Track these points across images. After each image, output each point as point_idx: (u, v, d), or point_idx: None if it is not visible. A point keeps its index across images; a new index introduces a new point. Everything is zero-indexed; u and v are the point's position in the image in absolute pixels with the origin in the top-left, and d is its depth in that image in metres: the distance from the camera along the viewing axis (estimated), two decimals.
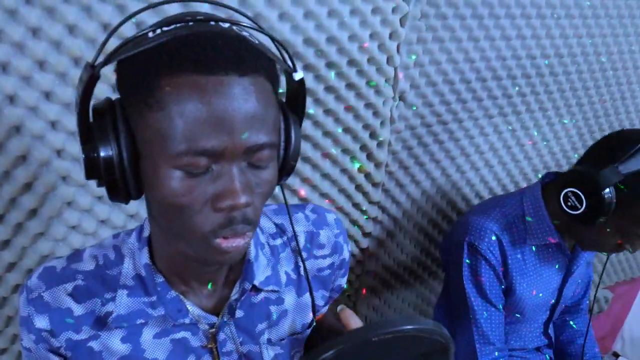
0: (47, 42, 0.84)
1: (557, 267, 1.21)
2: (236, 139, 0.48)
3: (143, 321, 0.65)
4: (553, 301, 1.26)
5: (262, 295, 0.71)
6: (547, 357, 1.37)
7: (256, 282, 0.69)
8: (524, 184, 1.62)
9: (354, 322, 0.62)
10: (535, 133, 1.53)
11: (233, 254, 0.55)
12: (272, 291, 0.71)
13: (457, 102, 1.32)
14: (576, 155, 1.69)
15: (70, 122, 0.90)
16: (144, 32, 0.49)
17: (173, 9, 0.89)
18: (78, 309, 0.64)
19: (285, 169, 0.59)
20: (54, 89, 0.87)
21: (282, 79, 0.59)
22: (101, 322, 0.65)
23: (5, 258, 0.96)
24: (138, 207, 1.03)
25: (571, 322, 1.42)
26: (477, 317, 1.17)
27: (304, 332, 0.76)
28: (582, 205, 1.01)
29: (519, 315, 1.22)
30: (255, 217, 0.54)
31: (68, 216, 0.97)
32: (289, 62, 0.56)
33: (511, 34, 1.30)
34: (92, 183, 0.93)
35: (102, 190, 0.95)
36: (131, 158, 0.51)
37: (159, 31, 0.48)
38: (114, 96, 0.55)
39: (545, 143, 1.57)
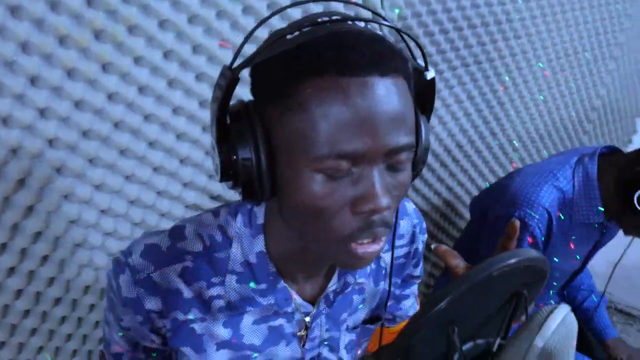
0: (28, 22, 0.77)
1: (589, 239, 1.23)
2: (379, 141, 0.47)
3: (252, 309, 0.64)
4: (577, 269, 1.32)
5: (351, 286, 0.71)
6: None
7: (357, 275, 0.70)
8: (498, 130, 1.66)
9: (452, 258, 0.62)
10: (507, 78, 1.57)
11: (368, 259, 0.53)
12: (357, 283, 0.72)
13: (437, 54, 1.33)
14: (541, 98, 1.75)
15: (60, 107, 0.83)
16: (282, 34, 0.48)
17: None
18: (187, 292, 0.63)
19: (416, 169, 0.58)
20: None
21: None
22: (207, 306, 0.64)
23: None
24: (139, 192, 0.98)
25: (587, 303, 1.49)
26: None
27: (374, 323, 0.77)
28: None
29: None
30: (392, 221, 0.53)
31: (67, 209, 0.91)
32: (421, 61, 0.55)
33: None
34: (91, 173, 0.90)
35: (101, 178, 0.91)
36: (269, 160, 0.51)
37: (297, 32, 0.48)
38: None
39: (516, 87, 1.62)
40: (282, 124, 0.49)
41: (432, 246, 0.65)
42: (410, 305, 0.86)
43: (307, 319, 0.68)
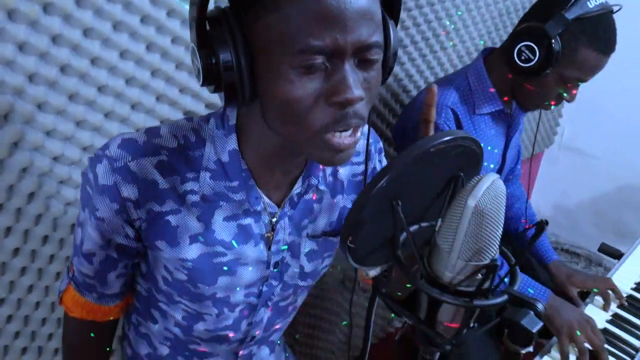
0: None
1: (500, 133, 1.33)
2: (349, 36, 0.51)
3: (224, 203, 0.68)
4: (499, 167, 1.39)
5: (311, 194, 0.75)
6: None
7: (319, 180, 0.74)
8: (450, 70, 1.72)
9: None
10: (447, 22, 1.61)
11: (345, 153, 0.58)
12: (319, 190, 0.76)
13: None
14: (482, 42, 1.81)
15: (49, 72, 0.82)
16: None
17: None
18: (163, 183, 0.66)
19: (386, 69, 0.61)
20: None
21: None
22: (181, 198, 0.67)
23: None
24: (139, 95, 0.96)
25: (508, 189, 1.58)
26: None
27: (335, 236, 0.82)
28: (535, 56, 1.11)
29: None
30: (365, 114, 0.57)
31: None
32: None
33: None
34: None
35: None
36: (248, 62, 0.54)
37: None
38: None
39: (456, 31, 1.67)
40: (259, 24, 0.52)
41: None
42: None
43: (274, 219, 0.73)
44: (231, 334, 0.82)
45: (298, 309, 0.93)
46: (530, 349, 0.47)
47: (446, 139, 0.45)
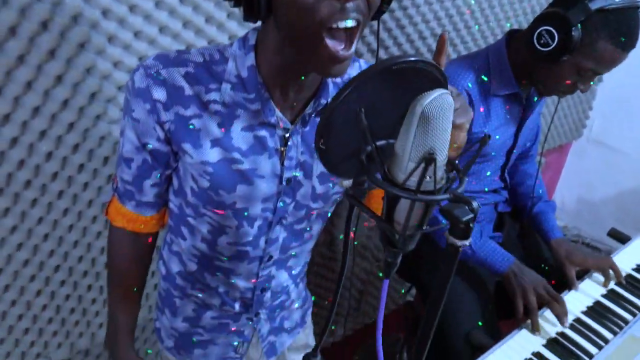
0: None
1: (514, 115, 1.37)
2: None
3: (242, 111, 0.78)
4: (510, 146, 1.44)
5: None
6: (503, 197, 1.58)
7: (329, 100, 0.81)
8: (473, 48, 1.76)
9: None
10: (473, 1, 1.66)
11: (342, 65, 0.67)
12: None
13: None
14: (509, 25, 1.84)
15: None
16: None
17: None
18: (188, 90, 0.77)
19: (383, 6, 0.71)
20: None
21: None
22: (204, 106, 0.78)
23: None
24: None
25: (522, 167, 1.62)
26: None
27: None
28: (553, 41, 1.14)
29: (480, 157, 1.39)
30: (362, 15, 0.66)
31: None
32: None
33: None
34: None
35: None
36: None
37: None
38: None
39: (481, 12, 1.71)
40: None
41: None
42: None
43: (287, 135, 0.82)
44: (251, 251, 0.91)
45: (314, 241, 1.01)
46: (467, 242, 0.53)
47: (410, 59, 0.52)
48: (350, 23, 0.65)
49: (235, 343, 1.03)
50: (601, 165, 2.73)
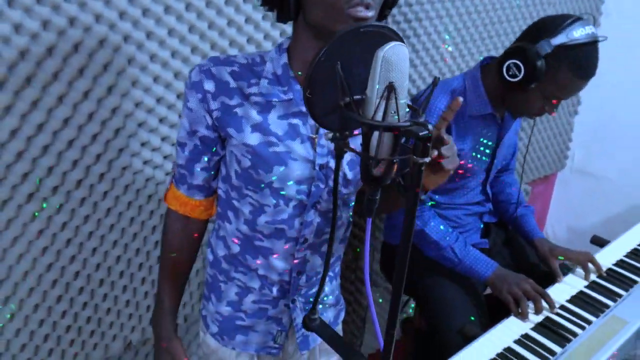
0: None
1: (491, 134, 1.52)
2: None
3: (276, 100, 0.94)
4: (488, 164, 1.58)
5: None
6: (487, 208, 1.71)
7: None
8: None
9: None
10: (447, 37, 1.86)
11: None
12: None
13: None
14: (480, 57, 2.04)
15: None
16: None
17: None
18: (233, 84, 0.94)
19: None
20: None
21: None
22: (246, 97, 0.94)
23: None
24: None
25: (501, 177, 1.77)
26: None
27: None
28: (520, 73, 1.30)
29: (462, 174, 1.53)
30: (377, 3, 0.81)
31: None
32: None
33: None
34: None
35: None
36: None
37: None
38: None
39: (453, 47, 1.91)
40: None
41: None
42: None
43: (317, 125, 0.96)
44: (287, 230, 1.02)
45: (344, 229, 1.11)
46: (427, 159, 0.66)
47: (375, 23, 0.68)
48: (365, 7, 0.80)
49: (274, 332, 1.13)
50: (587, 194, 2.85)
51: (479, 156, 1.52)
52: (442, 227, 1.50)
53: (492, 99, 1.45)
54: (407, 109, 0.69)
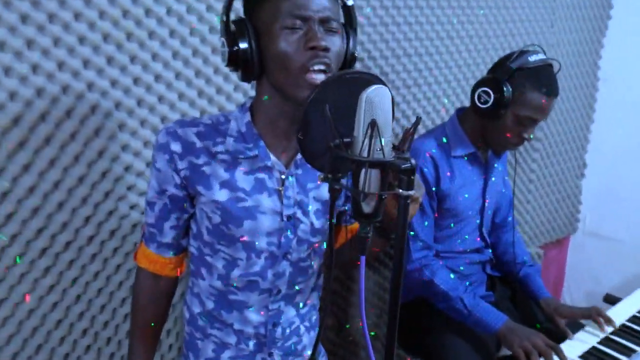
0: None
1: (477, 174, 1.56)
2: (314, 9, 0.86)
3: (242, 156, 0.97)
4: (480, 205, 1.60)
5: None
6: (487, 256, 1.69)
7: None
8: None
9: None
10: (446, 101, 1.95)
11: None
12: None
13: None
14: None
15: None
16: None
17: None
18: (199, 143, 0.98)
19: (348, 55, 0.95)
20: None
21: None
22: (212, 155, 0.98)
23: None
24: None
25: (503, 237, 1.75)
26: (410, 221, 1.48)
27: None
28: (490, 98, 1.40)
29: (455, 216, 1.54)
30: (332, 63, 0.88)
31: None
32: None
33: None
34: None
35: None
36: (257, 45, 0.89)
37: None
38: None
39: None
40: (260, 13, 0.88)
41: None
42: None
43: (283, 177, 1.00)
44: (260, 282, 1.03)
45: (316, 278, 1.12)
46: (411, 192, 0.69)
47: (358, 70, 0.74)
48: (322, 67, 0.87)
49: None
50: (601, 256, 2.80)
51: (467, 196, 1.54)
52: (452, 276, 1.49)
53: (473, 139, 1.53)
54: (392, 148, 0.74)
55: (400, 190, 0.67)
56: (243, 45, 0.89)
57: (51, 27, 1.10)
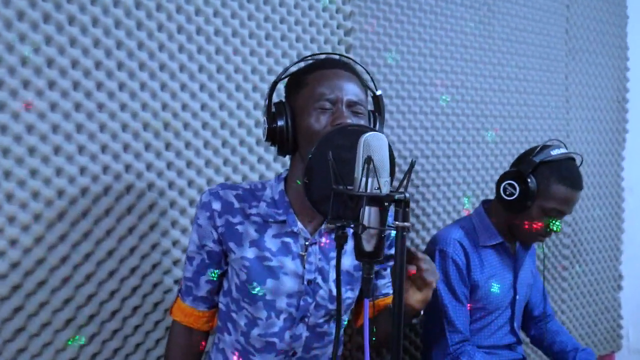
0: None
1: (506, 265, 1.57)
2: (342, 94, 1.00)
3: (272, 220, 1.06)
4: (512, 297, 1.59)
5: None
6: (520, 354, 1.63)
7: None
8: None
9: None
10: (466, 200, 2.07)
11: None
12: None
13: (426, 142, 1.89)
14: None
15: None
16: (298, 61, 1.11)
17: None
18: (237, 204, 1.08)
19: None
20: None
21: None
22: (247, 216, 1.08)
23: None
24: None
25: (548, 327, 1.72)
26: (446, 310, 1.47)
27: (355, 274, 1.12)
28: (516, 191, 1.44)
29: (485, 308, 1.53)
30: None
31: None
32: (372, 84, 1.11)
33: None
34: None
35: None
36: (293, 124, 1.02)
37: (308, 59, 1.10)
38: None
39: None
40: (298, 97, 1.03)
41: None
42: (385, 285, 1.19)
43: (307, 243, 1.07)
44: (277, 343, 1.07)
45: (334, 348, 1.07)
46: (407, 224, 0.73)
47: (358, 123, 0.89)
48: None
49: None
50: None
51: (497, 287, 1.53)
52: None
53: (500, 230, 1.55)
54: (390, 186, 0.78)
55: (397, 223, 0.74)
56: (280, 122, 1.02)
57: (134, 123, 1.32)
